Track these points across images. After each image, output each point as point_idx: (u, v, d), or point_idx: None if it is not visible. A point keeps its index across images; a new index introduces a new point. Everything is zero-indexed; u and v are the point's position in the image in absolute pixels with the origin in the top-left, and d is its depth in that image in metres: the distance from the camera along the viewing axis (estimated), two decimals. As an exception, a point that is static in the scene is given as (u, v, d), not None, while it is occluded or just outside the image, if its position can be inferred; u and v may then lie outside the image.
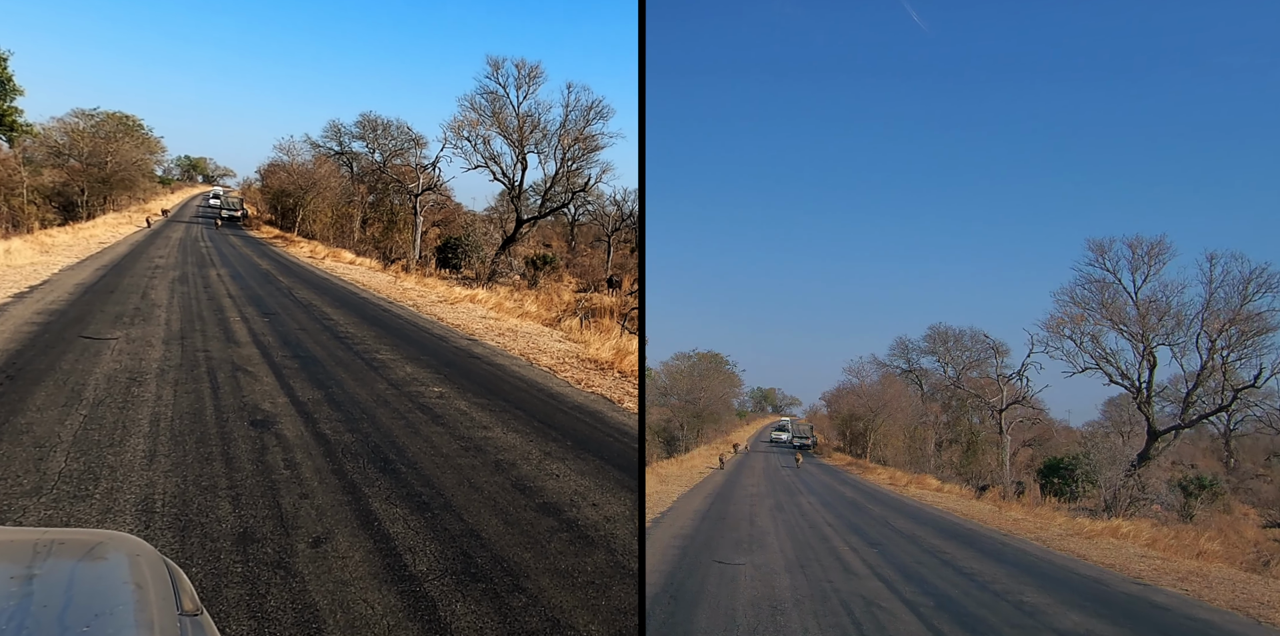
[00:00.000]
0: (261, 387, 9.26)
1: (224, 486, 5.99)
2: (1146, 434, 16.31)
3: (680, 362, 25.30)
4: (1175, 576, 10.02)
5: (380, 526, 5.49)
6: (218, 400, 8.50)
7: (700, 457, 22.12)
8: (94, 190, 31.76)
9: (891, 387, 22.44)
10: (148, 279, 18.56)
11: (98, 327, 11.94)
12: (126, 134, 33.51)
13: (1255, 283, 15.09)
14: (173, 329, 12.52)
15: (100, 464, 6.21)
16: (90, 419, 7.35)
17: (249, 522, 5.36)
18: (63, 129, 31.19)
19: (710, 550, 9.94)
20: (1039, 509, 15.37)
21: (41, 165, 30.41)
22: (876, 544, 11.39)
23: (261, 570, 4.69)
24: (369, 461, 6.90)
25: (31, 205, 28.37)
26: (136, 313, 13.71)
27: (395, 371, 10.96)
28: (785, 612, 7.15)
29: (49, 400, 7.81)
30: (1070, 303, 17.06)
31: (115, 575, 1.63)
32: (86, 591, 1.55)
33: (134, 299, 15.26)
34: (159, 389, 8.69)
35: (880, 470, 21.25)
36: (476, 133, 32.50)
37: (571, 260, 38.74)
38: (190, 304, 15.46)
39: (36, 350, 10.03)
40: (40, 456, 6.24)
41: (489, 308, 20.60)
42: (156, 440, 6.93)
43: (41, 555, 1.69)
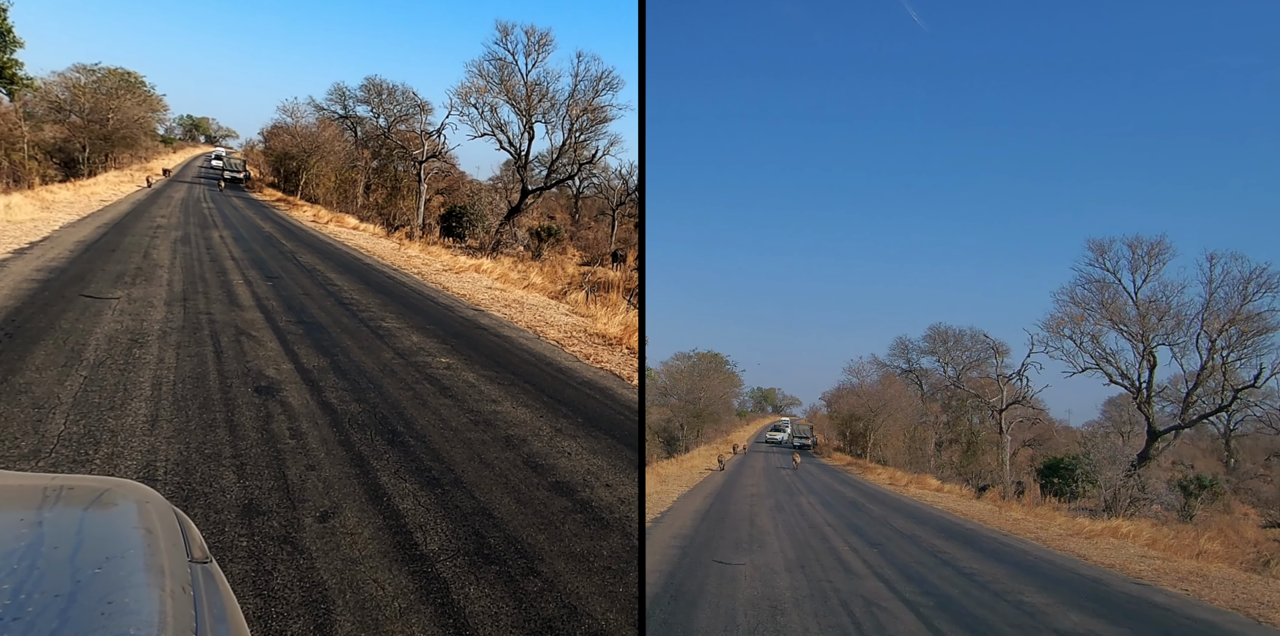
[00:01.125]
0: (265, 353, 9.12)
1: (228, 455, 5.86)
2: (1146, 434, 16.30)
3: (680, 362, 25.29)
4: (1175, 576, 10.02)
5: (389, 502, 5.37)
6: (221, 365, 8.34)
7: (700, 457, 22.11)
8: (95, 147, 31.37)
9: (891, 387, 22.43)
10: (149, 238, 18.26)
11: (99, 287, 11.74)
12: (128, 91, 32.95)
13: (1255, 283, 15.08)
14: (175, 290, 12.39)
15: (101, 427, 6.07)
16: (90, 380, 7.18)
17: (254, 494, 5.23)
18: (64, 84, 30.83)
19: (710, 550, 9.94)
20: (1039, 509, 15.37)
21: (42, 120, 30.04)
22: (876, 544, 11.38)
23: (267, 545, 4.55)
24: (376, 433, 6.78)
25: (32, 161, 27.87)
26: (138, 272, 13.52)
27: (401, 340, 10.81)
28: (785, 612, 7.15)
29: (48, 360, 7.64)
30: (1070, 302, 17.05)
31: (125, 520, 1.63)
32: (97, 535, 1.56)
33: (135, 258, 15.01)
34: (161, 351, 8.52)
35: (880, 470, 21.25)
36: (483, 100, 32.10)
37: (575, 233, 38.28)
38: (193, 265, 15.31)
39: (36, 308, 9.82)
40: (39, 418, 6.09)
41: (494, 278, 20.33)
42: (158, 404, 6.77)
43: (51, 499, 1.69)
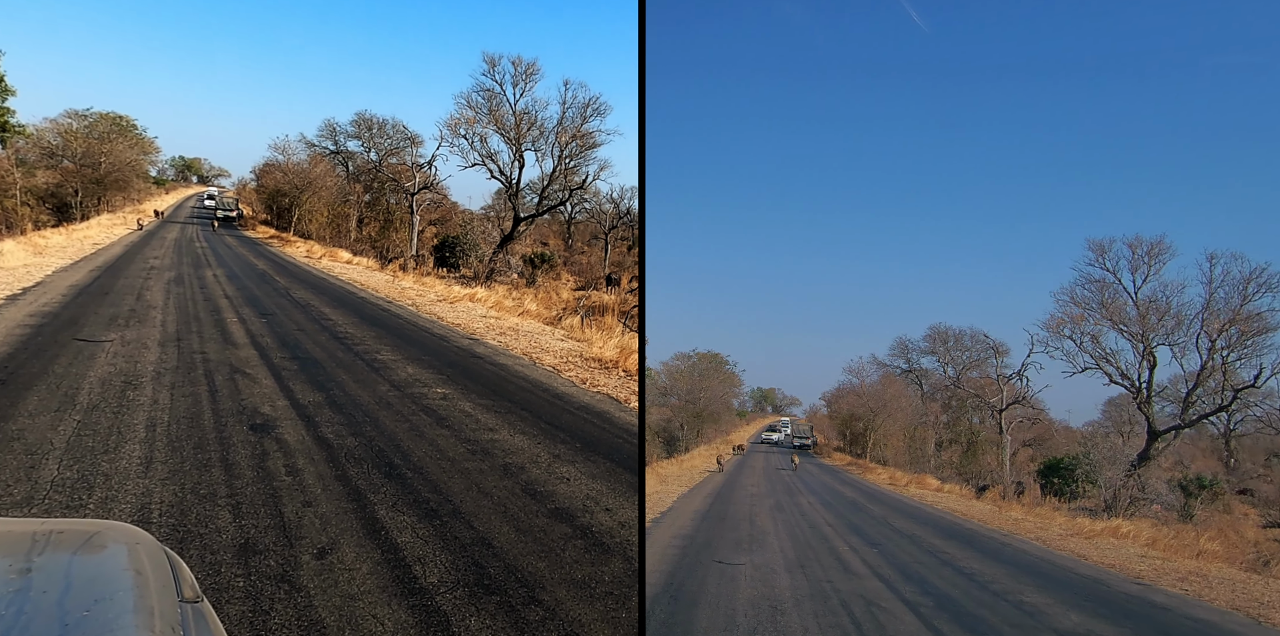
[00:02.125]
0: (260, 390, 9.13)
1: (223, 494, 5.84)
2: (1146, 434, 16.30)
3: (680, 362, 25.29)
4: (1175, 576, 10.02)
5: (387, 535, 5.37)
6: (215, 404, 8.36)
7: (700, 457, 22.12)
8: (88, 191, 31.94)
9: (891, 387, 22.44)
10: (143, 280, 18.40)
11: (92, 330, 11.81)
12: (120, 134, 33.49)
13: (1255, 283, 15.08)
14: (169, 330, 12.42)
15: (94, 472, 6.06)
16: (84, 424, 7.20)
17: (250, 533, 5.22)
18: (56, 130, 31.03)
19: (710, 550, 9.94)
20: (1039, 509, 15.37)
21: (35, 166, 30.60)
22: (876, 544, 11.39)
23: (264, 584, 4.54)
24: (373, 466, 6.79)
25: (25, 207, 28.33)
26: (131, 314, 13.57)
27: (397, 372, 10.88)
28: (785, 612, 7.15)
29: (41, 405, 7.66)
30: (1070, 302, 17.05)
31: (114, 562, 1.65)
32: (86, 578, 1.57)
33: (129, 300, 15.15)
34: (155, 392, 8.55)
35: (880, 470, 21.25)
36: (473, 130, 32.54)
37: (569, 258, 38.67)
38: (186, 305, 15.40)
39: (29, 353, 9.89)
40: (32, 464, 6.09)
41: (489, 306, 20.53)
42: (153, 446, 6.77)
43: (40, 544, 1.71)
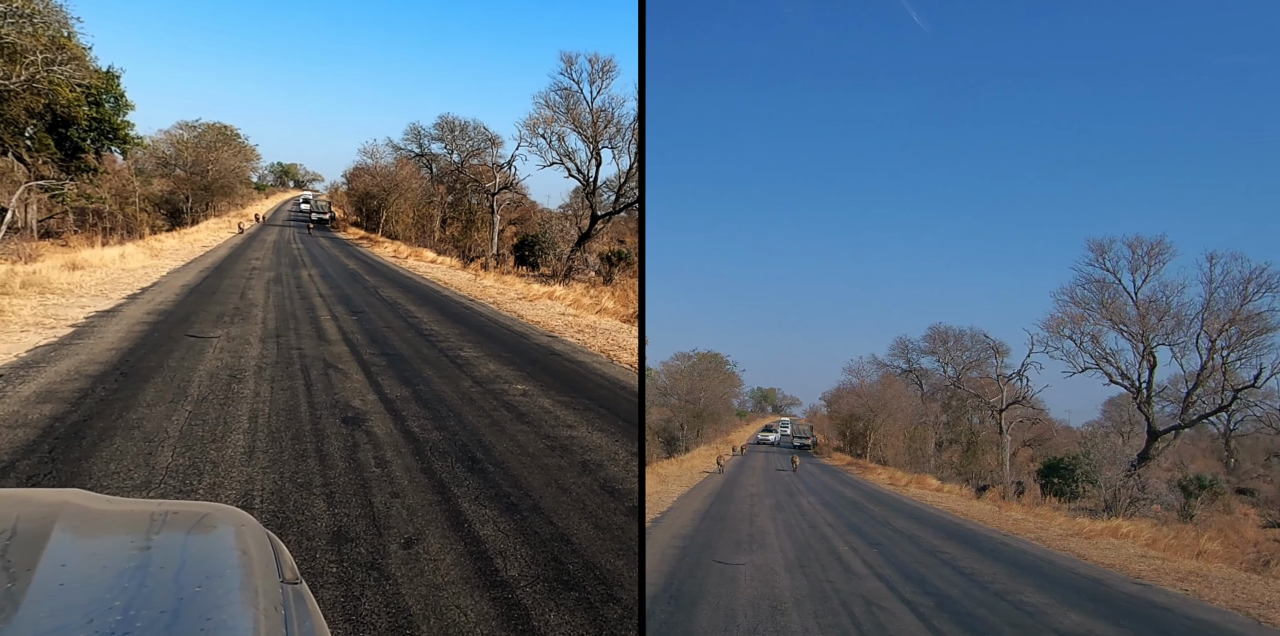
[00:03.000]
0: (352, 385, 9.51)
1: (318, 483, 6.10)
2: (1146, 434, 16.30)
3: (680, 362, 25.28)
4: (1175, 576, 10.02)
5: (470, 528, 5.49)
6: (311, 397, 8.75)
7: (700, 458, 22.13)
8: (197, 197, 34.39)
9: (891, 387, 22.43)
10: (245, 280, 19.49)
11: (201, 327, 12.54)
12: (225, 143, 35.59)
13: (1255, 283, 15.07)
14: (269, 327, 13.05)
15: (204, 459, 6.43)
16: (194, 415, 7.67)
17: (342, 521, 5.41)
18: (169, 140, 33.55)
19: (710, 550, 9.94)
20: (1039, 509, 15.36)
21: (151, 175, 32.79)
22: (876, 544, 11.39)
23: (356, 571, 4.70)
24: (456, 460, 6.96)
25: (143, 212, 30.34)
26: (236, 312, 14.38)
27: (479, 369, 11.09)
28: (785, 612, 7.15)
29: (158, 396, 8.21)
30: (1070, 303, 17.04)
31: (223, 543, 1.75)
32: (198, 556, 1.68)
33: (233, 299, 16.04)
34: (257, 386, 9.03)
35: (880, 470, 21.25)
36: (551, 129, 33.00)
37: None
38: (284, 303, 16.16)
39: (147, 348, 10.57)
40: (149, 451, 6.52)
41: (567, 304, 20.80)
42: (255, 436, 7.14)
43: (157, 524, 1.84)
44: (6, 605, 1.28)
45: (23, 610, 1.27)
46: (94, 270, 18.88)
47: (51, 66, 20.72)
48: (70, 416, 7.35)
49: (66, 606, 1.31)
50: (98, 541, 1.71)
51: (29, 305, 13.35)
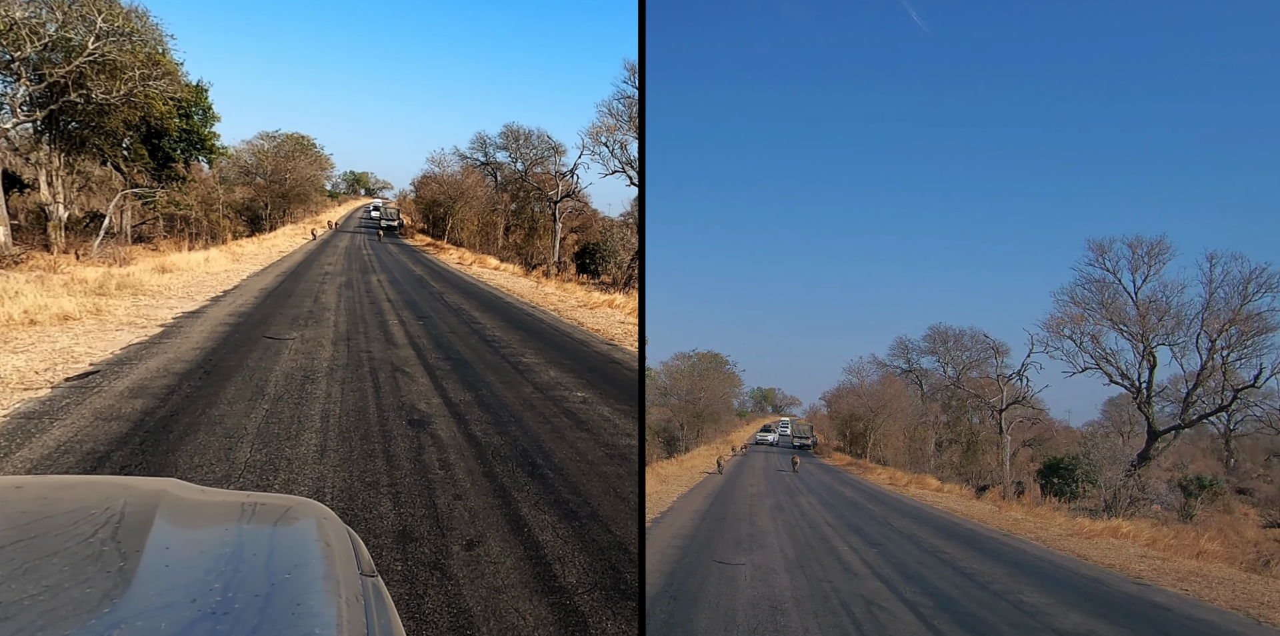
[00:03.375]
0: (417, 388, 9.75)
1: (385, 483, 6.25)
2: (1146, 434, 16.29)
3: (680, 362, 25.28)
4: (1175, 576, 10.02)
5: (530, 533, 5.57)
6: (379, 399, 9.02)
7: (700, 458, 22.12)
8: (275, 204, 36.26)
9: (891, 387, 22.43)
10: (319, 284, 20.37)
11: (278, 329, 13.10)
12: (302, 152, 37.36)
13: (1255, 283, 15.07)
14: (340, 330, 13.55)
15: (279, 456, 6.67)
16: (271, 413, 7.98)
17: (407, 521, 5.54)
18: (250, 150, 35.40)
19: (710, 550, 9.94)
20: (1039, 509, 15.36)
21: (234, 183, 34.45)
22: (876, 544, 11.39)
23: (419, 570, 4.81)
24: (517, 465, 7.08)
25: (225, 219, 32.19)
26: (309, 315, 15.00)
27: (540, 375, 11.28)
28: (785, 612, 7.15)
29: (238, 394, 8.62)
30: (1070, 303, 17.04)
31: (307, 534, 1.84)
32: (285, 546, 1.78)
33: (307, 302, 16.72)
34: (328, 387, 9.36)
35: (880, 470, 21.24)
36: (613, 138, 33.82)
37: None
38: (355, 307, 16.77)
39: (228, 348, 11.11)
40: (230, 447, 6.82)
41: (626, 313, 21.05)
42: (326, 435, 7.40)
43: (248, 514, 1.97)
44: (120, 582, 1.39)
45: (134, 588, 1.37)
46: (181, 273, 20.12)
47: (148, 82, 22.23)
48: (159, 411, 7.76)
49: (172, 586, 1.41)
50: (195, 528, 1.82)
51: (123, 305, 14.22)
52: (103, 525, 1.67)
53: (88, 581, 1.36)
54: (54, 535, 1.60)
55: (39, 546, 1.52)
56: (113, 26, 20.95)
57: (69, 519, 1.70)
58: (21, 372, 8.90)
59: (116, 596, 1.33)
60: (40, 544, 1.54)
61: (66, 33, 20.44)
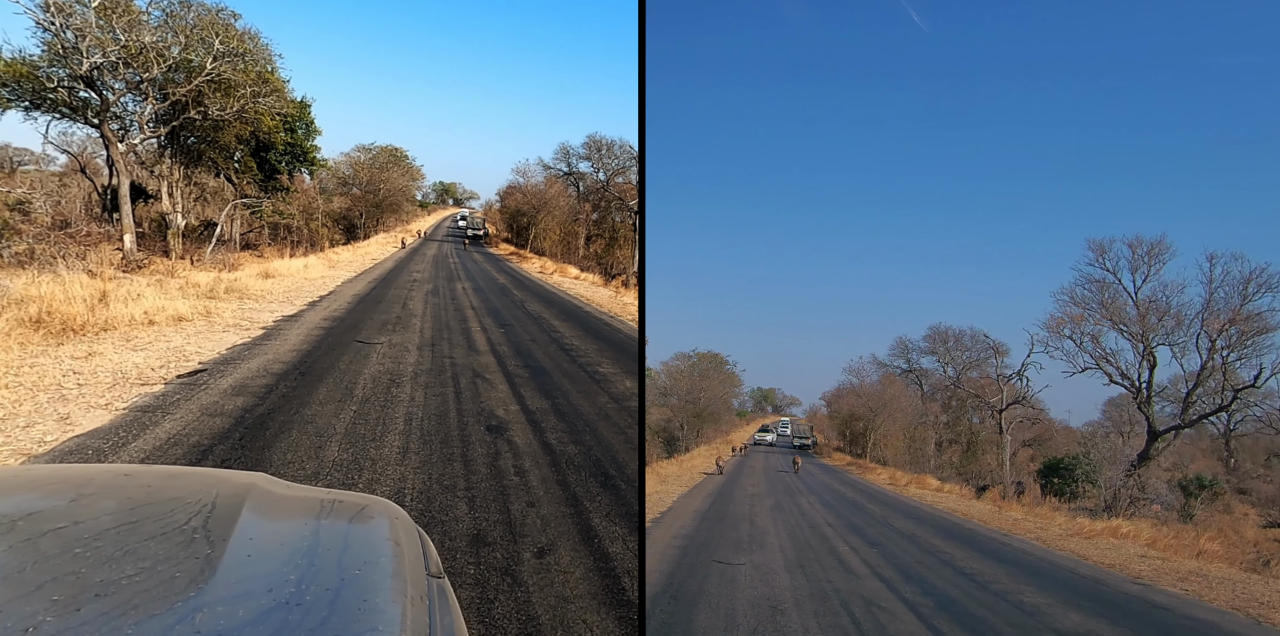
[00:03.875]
0: (496, 394, 9.94)
1: (461, 487, 6.38)
2: (1146, 434, 16.29)
3: (680, 362, 25.29)
4: (1175, 576, 10.02)
5: (600, 544, 5.61)
6: (459, 404, 9.24)
7: (700, 457, 22.12)
8: (369, 214, 38.25)
9: (891, 387, 22.43)
10: (407, 291, 21.10)
11: (368, 333, 13.65)
12: (395, 164, 39.11)
13: (1255, 283, 15.08)
14: (425, 336, 13.96)
15: (364, 456, 6.93)
16: (358, 414, 8.28)
17: (481, 525, 5.64)
18: (348, 162, 37.70)
19: (710, 550, 9.94)
20: (1039, 509, 15.36)
21: (332, 194, 36.88)
22: (876, 544, 11.38)
23: (491, 574, 4.87)
24: (590, 475, 7.13)
25: (324, 227, 34.07)
26: (397, 321, 15.52)
27: (615, 385, 11.38)
28: (785, 612, 7.15)
29: (329, 395, 9.00)
30: (1070, 303, 17.05)
31: (379, 533, 1.91)
32: (358, 543, 1.85)
33: (396, 308, 17.32)
34: (412, 391, 9.64)
35: (880, 470, 21.24)
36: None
37: None
38: (440, 314, 17.27)
39: (322, 351, 11.63)
40: (319, 445, 7.12)
41: None
42: (409, 437, 7.63)
43: (325, 510, 2.07)
44: (206, 569, 1.48)
45: (218, 574, 1.47)
46: (282, 279, 21.26)
47: (258, 98, 23.80)
48: (257, 409, 8.16)
49: (251, 575, 1.50)
50: (277, 521, 1.92)
51: (230, 308, 15.10)
52: (196, 514, 1.80)
53: (179, 565, 1.47)
54: (154, 521, 1.72)
55: (140, 530, 1.64)
56: (229, 47, 22.58)
57: (168, 507, 1.83)
58: (140, 369, 9.54)
59: (202, 581, 1.42)
60: (142, 528, 1.66)
61: (188, 54, 22.21)
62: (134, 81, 21.78)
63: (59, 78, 20.14)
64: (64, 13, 19.28)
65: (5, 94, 20.59)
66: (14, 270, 15.97)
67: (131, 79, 21.64)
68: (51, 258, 17.49)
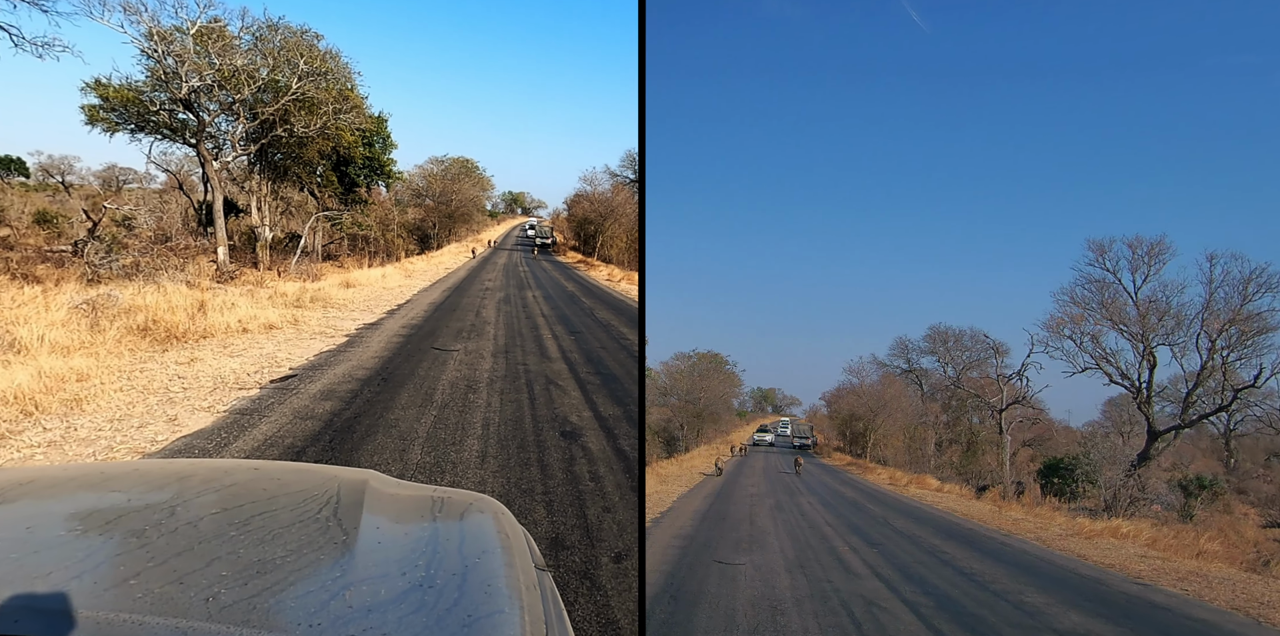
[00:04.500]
0: (569, 401, 10.14)
1: (539, 491, 6.52)
2: (1146, 434, 16.29)
3: (680, 362, 25.25)
4: (1175, 576, 10.02)
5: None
6: (534, 410, 9.46)
7: (700, 458, 22.11)
8: (442, 224, 39.49)
9: (891, 387, 22.42)
10: (480, 299, 21.70)
11: (444, 340, 14.05)
12: (466, 174, 40.27)
13: (1255, 283, 15.06)
14: (499, 343, 14.34)
15: (445, 459, 7.16)
16: (438, 419, 8.54)
17: (560, 529, 5.75)
18: (421, 174, 39.01)
19: (710, 550, 9.94)
20: (1039, 509, 15.35)
21: (407, 205, 37.86)
22: (876, 544, 11.38)
23: (570, 577, 4.99)
24: None
25: (399, 238, 35.13)
26: (472, 328, 15.97)
27: None
28: (785, 612, 7.15)
29: (410, 400, 9.32)
30: (1070, 303, 17.03)
31: (488, 527, 2.00)
32: (472, 535, 1.95)
33: (470, 316, 17.81)
34: (488, 396, 9.94)
35: (880, 470, 21.23)
36: None
37: None
38: (512, 321, 17.69)
39: (402, 358, 12.02)
40: (403, 449, 7.39)
41: None
42: (487, 442, 7.86)
43: (437, 506, 2.17)
44: (345, 552, 1.61)
45: (356, 558, 1.58)
46: (362, 288, 22.06)
47: (339, 115, 25.04)
48: (344, 413, 8.53)
49: (385, 560, 1.60)
50: (395, 514, 2.02)
51: (315, 317, 15.83)
52: (325, 504, 1.92)
53: (320, 550, 1.60)
54: (289, 510, 1.86)
55: (279, 518, 1.78)
56: (312, 67, 23.85)
57: (299, 498, 1.97)
58: (237, 374, 10.11)
59: (344, 563, 1.55)
60: (280, 516, 1.79)
61: (275, 75, 23.39)
62: (227, 102, 23.10)
63: (160, 101, 21.61)
64: (166, 40, 20.80)
65: (114, 118, 22.18)
66: (122, 281, 17.20)
67: (224, 100, 23.03)
68: (154, 269, 19.00)
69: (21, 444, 6.96)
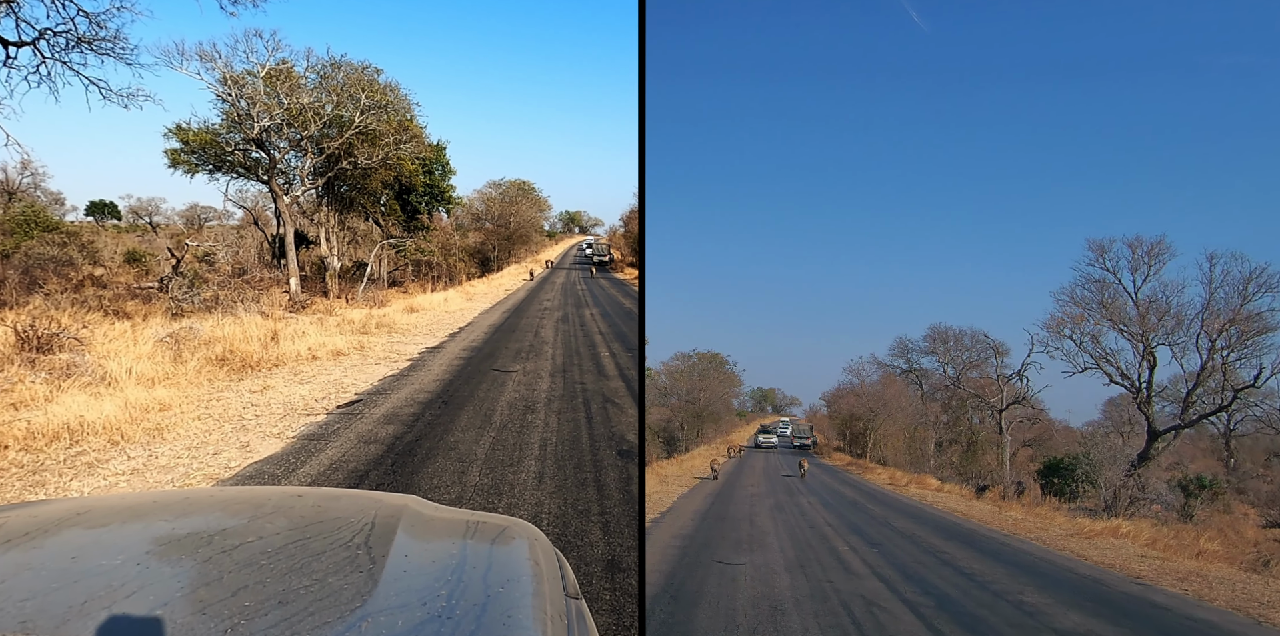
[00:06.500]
0: (625, 419, 10.20)
1: (595, 512, 6.51)
2: (1146, 434, 16.29)
3: (680, 362, 25.24)
4: (1175, 576, 10.02)
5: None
6: (591, 429, 9.54)
7: (700, 458, 22.10)
8: (501, 246, 40.06)
9: (891, 387, 22.42)
10: (538, 319, 21.94)
11: (503, 362, 14.25)
12: (524, 196, 40.79)
13: (1255, 283, 15.07)
14: (557, 363, 14.53)
15: (503, 481, 7.23)
16: (497, 441, 8.64)
17: (616, 551, 5.71)
18: (480, 198, 39.68)
19: (710, 550, 9.94)
20: (1039, 509, 15.35)
21: (467, 229, 38.87)
22: (876, 544, 11.38)
23: (627, 601, 4.94)
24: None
25: (460, 262, 35.93)
26: (530, 349, 16.20)
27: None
28: (785, 612, 7.15)
29: (469, 422, 9.45)
30: (1070, 302, 17.03)
31: (519, 553, 2.01)
32: (501, 562, 1.96)
33: (528, 337, 18.10)
34: (546, 416, 10.04)
35: (880, 470, 21.23)
36: None
37: None
38: (570, 341, 17.95)
39: (462, 380, 12.25)
40: (462, 470, 7.51)
41: None
42: (544, 463, 7.91)
43: (471, 531, 2.21)
44: (369, 582, 1.62)
45: (379, 587, 1.60)
46: (425, 312, 22.68)
47: (400, 145, 25.73)
48: (406, 436, 8.69)
49: (408, 589, 1.62)
50: (428, 540, 2.05)
51: (380, 342, 16.30)
52: (358, 532, 1.97)
53: (345, 578, 1.63)
54: (322, 538, 1.90)
55: (310, 547, 1.82)
56: (373, 101, 24.64)
57: (334, 525, 2.01)
58: (305, 401, 10.43)
59: (366, 594, 1.57)
60: (311, 544, 1.84)
61: (339, 111, 24.36)
62: (295, 139, 24.09)
63: (235, 142, 22.72)
64: (238, 84, 21.87)
65: (194, 159, 23.36)
66: (203, 314, 18.11)
67: (293, 137, 24.02)
68: (232, 302, 19.60)
69: (108, 472, 7.23)
